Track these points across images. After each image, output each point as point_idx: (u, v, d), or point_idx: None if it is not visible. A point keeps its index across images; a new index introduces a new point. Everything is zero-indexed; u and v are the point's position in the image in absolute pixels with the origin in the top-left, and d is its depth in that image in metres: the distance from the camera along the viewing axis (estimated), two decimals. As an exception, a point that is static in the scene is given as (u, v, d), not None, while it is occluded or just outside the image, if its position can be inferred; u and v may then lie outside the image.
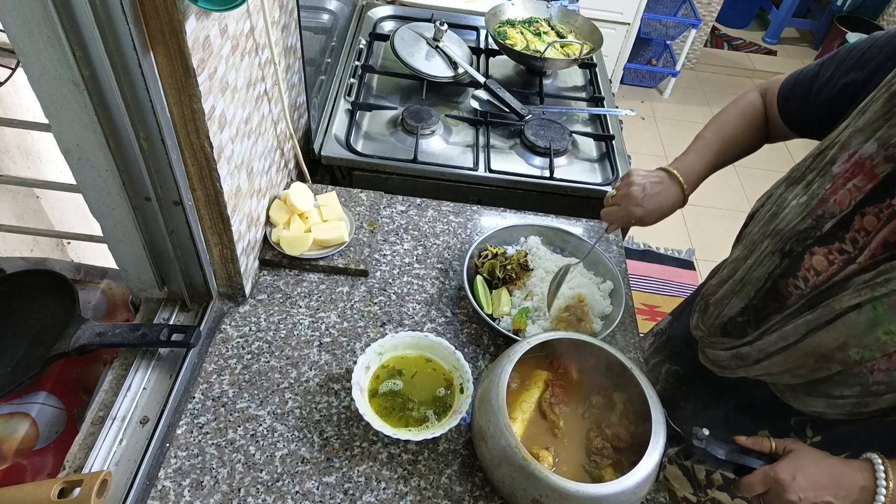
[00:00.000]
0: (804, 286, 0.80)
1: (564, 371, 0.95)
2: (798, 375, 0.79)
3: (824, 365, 0.75)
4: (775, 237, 0.81)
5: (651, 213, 0.99)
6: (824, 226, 0.76)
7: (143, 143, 0.78)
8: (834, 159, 0.75)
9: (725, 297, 0.88)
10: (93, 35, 0.65)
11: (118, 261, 0.95)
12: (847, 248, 0.76)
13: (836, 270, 0.76)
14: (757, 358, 0.82)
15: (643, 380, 0.88)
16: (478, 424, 0.86)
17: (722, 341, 0.89)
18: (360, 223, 1.22)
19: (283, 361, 1.00)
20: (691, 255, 2.85)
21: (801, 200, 0.78)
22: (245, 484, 0.85)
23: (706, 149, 1.01)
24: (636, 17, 2.95)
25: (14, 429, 0.93)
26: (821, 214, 0.76)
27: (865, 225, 0.74)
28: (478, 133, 1.50)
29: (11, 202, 1.39)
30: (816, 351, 0.74)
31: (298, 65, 1.23)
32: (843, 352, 0.72)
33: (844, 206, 0.74)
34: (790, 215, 0.79)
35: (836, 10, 4.10)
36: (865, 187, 0.72)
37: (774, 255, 0.81)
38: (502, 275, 1.12)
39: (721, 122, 1.03)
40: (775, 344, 0.79)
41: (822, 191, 0.76)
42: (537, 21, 1.78)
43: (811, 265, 0.79)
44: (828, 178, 0.76)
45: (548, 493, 0.77)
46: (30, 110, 1.39)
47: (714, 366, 0.92)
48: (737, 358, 0.86)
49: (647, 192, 0.98)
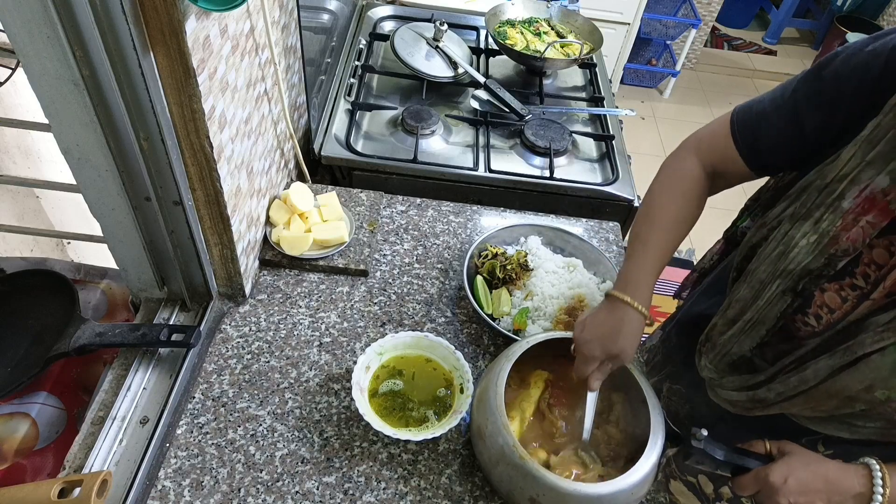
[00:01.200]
0: (816, 323, 0.78)
1: (565, 371, 0.95)
2: (820, 411, 0.78)
3: (848, 404, 0.73)
4: (786, 277, 0.77)
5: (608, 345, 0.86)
6: (837, 264, 0.73)
7: (143, 143, 0.78)
8: (843, 194, 0.71)
9: (735, 336, 0.84)
10: (93, 35, 0.65)
11: (118, 261, 0.95)
12: (859, 283, 0.73)
13: (850, 308, 0.74)
14: (775, 401, 0.80)
15: (642, 380, 0.88)
16: (476, 423, 0.86)
17: (732, 380, 0.86)
18: (360, 223, 1.22)
19: (283, 361, 1.00)
20: (691, 255, 2.85)
21: (811, 240, 0.74)
22: (245, 484, 0.85)
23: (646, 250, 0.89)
24: (636, 17, 2.95)
25: (14, 429, 0.93)
26: (833, 253, 0.72)
27: (875, 258, 0.72)
28: (478, 133, 1.50)
29: (11, 202, 1.39)
30: (841, 393, 0.72)
31: (298, 65, 1.23)
32: (870, 393, 0.70)
33: (858, 245, 0.71)
34: (800, 255, 0.75)
35: (836, 10, 4.10)
36: (881, 224, 0.69)
37: (786, 295, 0.78)
38: (502, 275, 1.12)
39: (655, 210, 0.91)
40: (795, 388, 0.76)
41: (833, 228, 0.71)
42: (537, 21, 1.78)
43: (823, 301, 0.77)
44: (838, 215, 0.71)
45: (544, 493, 0.77)
46: (30, 110, 1.39)
47: (729, 406, 0.88)
48: (753, 401, 0.83)
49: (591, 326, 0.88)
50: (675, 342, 1.12)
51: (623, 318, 0.86)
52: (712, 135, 0.89)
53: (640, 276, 0.88)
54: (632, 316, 0.86)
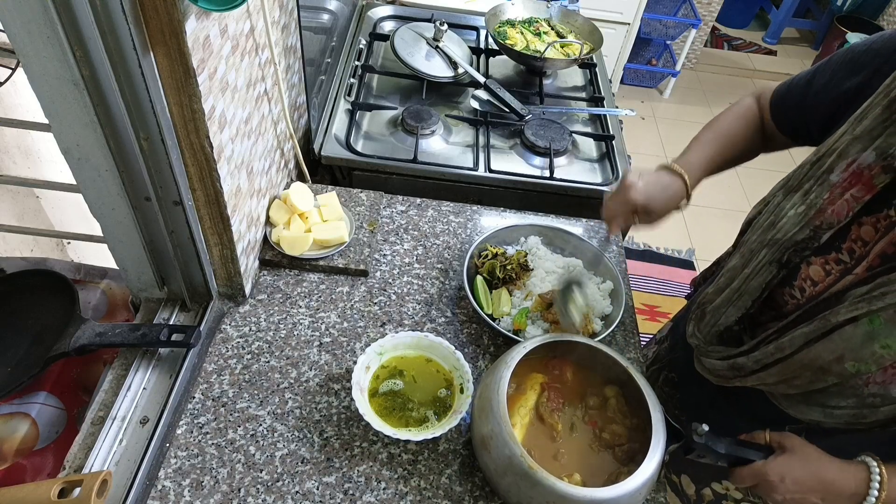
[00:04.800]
0: (800, 296, 0.80)
1: (560, 373, 0.95)
2: (794, 386, 0.79)
3: (821, 377, 0.75)
4: (773, 247, 0.80)
5: (652, 199, 0.94)
6: (822, 236, 0.75)
7: (143, 143, 0.78)
8: (832, 168, 0.74)
9: (722, 305, 0.87)
10: (93, 35, 0.65)
11: (118, 261, 0.95)
12: (844, 258, 0.75)
13: (832, 281, 0.76)
14: (753, 369, 0.82)
15: (641, 381, 0.88)
16: (479, 434, 0.85)
17: (717, 350, 0.89)
18: (360, 223, 1.22)
19: (283, 361, 1.00)
20: (691, 255, 2.85)
21: (798, 210, 0.77)
22: (245, 484, 0.85)
23: (704, 149, 0.98)
24: (636, 17, 2.95)
25: (14, 429, 0.93)
26: (818, 225, 0.75)
27: (863, 235, 0.73)
28: (478, 133, 1.50)
29: (11, 202, 1.39)
30: (813, 363, 0.74)
31: (298, 65, 1.23)
32: (840, 364, 0.72)
33: (842, 217, 0.73)
34: (787, 225, 0.78)
35: (836, 10, 4.10)
36: (864, 198, 0.71)
37: (772, 266, 0.80)
38: (502, 275, 1.12)
39: (718, 123, 1.01)
40: (772, 355, 0.78)
41: (820, 200, 0.74)
42: (537, 21, 1.78)
43: (808, 275, 0.79)
44: (825, 188, 0.74)
45: (556, 501, 0.77)
46: (30, 110, 1.39)
47: (710, 375, 0.92)
48: (733, 368, 0.85)
49: (647, 180, 0.95)
50: (682, 329, 1.13)
51: (671, 183, 0.95)
52: (766, 90, 0.99)
53: (693, 164, 0.97)
54: (678, 184, 0.95)
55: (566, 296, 1.03)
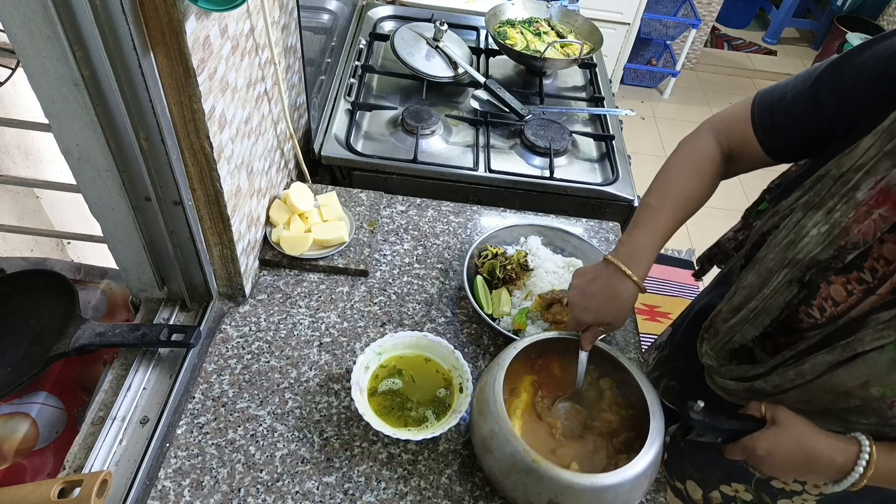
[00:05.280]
0: (819, 315, 0.78)
1: (547, 369, 0.95)
2: (814, 404, 0.78)
3: (843, 399, 0.73)
4: (794, 267, 0.76)
5: (602, 315, 0.88)
6: (846, 257, 0.72)
7: (143, 143, 0.78)
8: (858, 185, 0.69)
9: (738, 324, 0.84)
10: (93, 35, 0.65)
11: (118, 261, 0.95)
12: (866, 277, 0.73)
13: (855, 302, 0.74)
14: (772, 392, 0.80)
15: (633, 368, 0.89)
16: (480, 436, 0.84)
17: (731, 370, 0.86)
18: (360, 223, 1.22)
19: (283, 361, 1.00)
20: (691, 255, 2.85)
21: (822, 229, 0.73)
22: (245, 484, 0.85)
23: (657, 224, 0.89)
24: (636, 17, 2.95)
25: (14, 429, 0.93)
26: (843, 245, 0.71)
27: (885, 253, 0.71)
28: (478, 133, 1.50)
29: (11, 202, 1.39)
30: (836, 388, 0.72)
31: (298, 65, 1.23)
32: (865, 390, 0.70)
33: (869, 238, 0.70)
34: (810, 245, 0.74)
35: (836, 10, 4.10)
36: (893, 218, 0.68)
37: (792, 285, 0.77)
38: (502, 275, 1.12)
39: (673, 182, 0.91)
40: (792, 381, 0.76)
41: (845, 219, 0.70)
42: (537, 21, 1.78)
43: (829, 294, 0.76)
44: (851, 206, 0.70)
45: (563, 492, 0.77)
46: (30, 110, 1.39)
47: (725, 394, 0.89)
48: (750, 391, 0.83)
49: (587, 293, 0.88)
50: (682, 336, 1.12)
51: (619, 288, 0.86)
52: (732, 116, 0.89)
53: (643, 248, 0.88)
54: (628, 287, 0.86)
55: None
